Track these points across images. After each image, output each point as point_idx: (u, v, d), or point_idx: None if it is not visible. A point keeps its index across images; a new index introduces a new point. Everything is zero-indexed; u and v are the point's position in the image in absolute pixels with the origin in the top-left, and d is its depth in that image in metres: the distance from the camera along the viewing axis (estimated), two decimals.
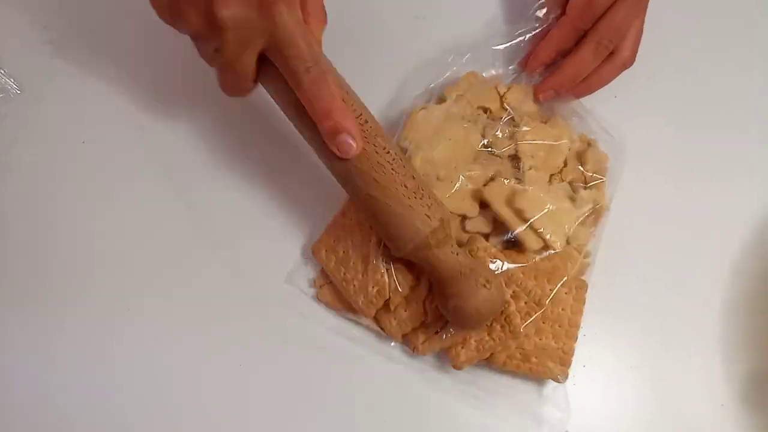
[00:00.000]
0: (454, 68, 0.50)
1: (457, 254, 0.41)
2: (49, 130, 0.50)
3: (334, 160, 0.40)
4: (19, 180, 0.49)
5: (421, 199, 0.40)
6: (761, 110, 0.54)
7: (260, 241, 0.48)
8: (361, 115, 0.40)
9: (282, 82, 0.39)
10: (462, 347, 0.44)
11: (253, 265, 0.48)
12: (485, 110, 0.49)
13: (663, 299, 0.48)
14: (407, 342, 0.46)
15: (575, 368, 0.45)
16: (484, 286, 0.40)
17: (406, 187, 0.40)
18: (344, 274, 0.45)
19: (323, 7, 0.41)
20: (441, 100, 0.50)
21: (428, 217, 0.40)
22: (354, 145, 0.38)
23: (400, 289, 0.44)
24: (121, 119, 0.51)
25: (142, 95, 0.51)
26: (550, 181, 0.47)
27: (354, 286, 0.45)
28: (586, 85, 0.50)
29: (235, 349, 0.46)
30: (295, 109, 0.40)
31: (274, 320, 0.47)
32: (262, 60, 0.39)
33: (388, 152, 0.40)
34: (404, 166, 0.40)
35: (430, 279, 0.43)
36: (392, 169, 0.40)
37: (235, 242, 0.48)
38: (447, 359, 0.45)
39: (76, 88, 0.51)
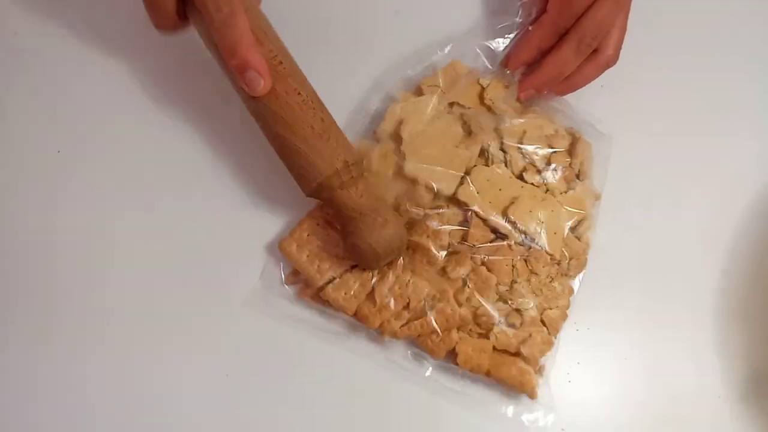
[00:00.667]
0: (434, 58, 0.50)
1: (361, 196, 0.42)
2: (23, 140, 0.49)
3: (246, 97, 0.42)
4: None
5: (327, 141, 0.42)
6: (750, 101, 0.53)
7: (231, 242, 0.48)
8: (276, 55, 0.42)
9: (203, 22, 0.41)
10: (435, 336, 0.44)
11: (225, 269, 0.47)
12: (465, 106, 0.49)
13: (657, 291, 0.48)
14: (383, 329, 0.44)
15: (569, 365, 0.46)
16: (383, 225, 0.42)
17: (312, 128, 0.41)
18: (318, 266, 0.45)
19: None
20: (419, 91, 0.49)
21: (332, 158, 0.42)
22: (262, 82, 0.40)
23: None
24: (96, 127, 0.50)
25: (116, 101, 0.50)
26: (541, 169, 0.47)
27: (334, 282, 0.44)
28: (568, 84, 0.49)
29: (207, 356, 0.45)
30: (214, 48, 0.42)
31: (250, 323, 0.46)
32: None
33: (299, 93, 0.42)
34: (314, 108, 0.42)
35: (336, 220, 0.45)
36: (300, 110, 0.41)
37: (207, 246, 0.48)
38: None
39: (49, 96, 0.50)
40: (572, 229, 0.46)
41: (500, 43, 0.51)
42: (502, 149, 0.47)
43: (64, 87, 0.50)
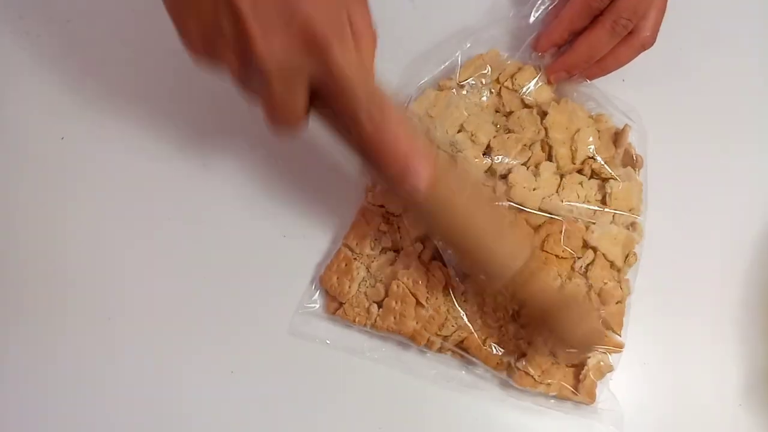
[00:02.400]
0: (458, 54, 0.48)
1: (555, 280, 0.40)
2: (27, 126, 0.47)
3: (407, 202, 0.38)
4: None
5: (507, 232, 0.38)
6: None
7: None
8: (432, 149, 0.37)
9: (337, 122, 0.35)
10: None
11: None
12: (497, 93, 0.48)
13: (677, 297, 0.46)
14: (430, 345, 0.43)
15: None
16: (586, 315, 0.39)
17: (487, 220, 0.38)
18: (364, 294, 0.43)
19: (371, 23, 0.34)
20: (443, 86, 0.47)
21: (519, 248, 0.38)
22: (424, 180, 0.35)
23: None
24: (102, 113, 0.47)
25: (124, 87, 0.48)
26: (584, 163, 0.46)
27: (379, 312, 0.43)
28: (600, 67, 0.47)
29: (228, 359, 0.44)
30: (358, 150, 0.36)
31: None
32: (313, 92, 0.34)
33: (464, 187, 0.37)
34: (481, 198, 0.39)
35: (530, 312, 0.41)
36: (473, 205, 0.37)
37: (236, 253, 0.46)
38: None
39: (54, 81, 0.48)
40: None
41: (527, 28, 0.49)
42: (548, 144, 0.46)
43: (71, 71, 0.48)
